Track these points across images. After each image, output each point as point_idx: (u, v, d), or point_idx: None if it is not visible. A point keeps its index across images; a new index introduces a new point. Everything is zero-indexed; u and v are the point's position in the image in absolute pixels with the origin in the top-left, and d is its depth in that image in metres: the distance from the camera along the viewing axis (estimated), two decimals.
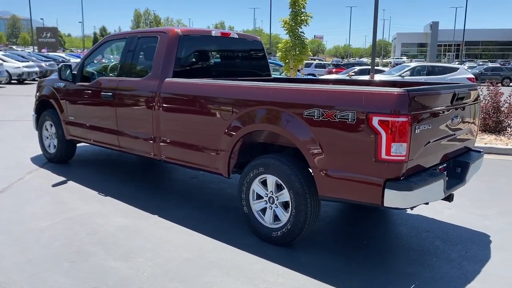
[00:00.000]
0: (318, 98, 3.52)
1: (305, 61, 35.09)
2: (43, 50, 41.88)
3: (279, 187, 3.83)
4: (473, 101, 4.18)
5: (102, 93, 5.38)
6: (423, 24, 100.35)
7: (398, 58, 65.84)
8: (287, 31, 11.29)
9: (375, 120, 3.16)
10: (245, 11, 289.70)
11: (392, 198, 3.19)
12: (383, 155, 3.16)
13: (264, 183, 3.95)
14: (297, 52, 10.82)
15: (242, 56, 5.80)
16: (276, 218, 3.90)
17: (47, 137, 6.63)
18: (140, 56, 5.29)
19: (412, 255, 3.85)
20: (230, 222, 4.40)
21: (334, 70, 28.74)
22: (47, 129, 6.60)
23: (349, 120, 3.29)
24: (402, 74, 17.02)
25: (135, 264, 3.48)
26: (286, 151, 4.04)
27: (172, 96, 4.63)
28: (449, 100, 3.60)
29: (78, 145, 6.56)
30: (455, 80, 15.40)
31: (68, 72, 5.72)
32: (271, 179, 3.86)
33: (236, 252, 3.76)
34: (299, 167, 3.71)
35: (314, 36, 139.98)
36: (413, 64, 18.57)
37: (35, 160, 6.72)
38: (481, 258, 3.79)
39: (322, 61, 45.28)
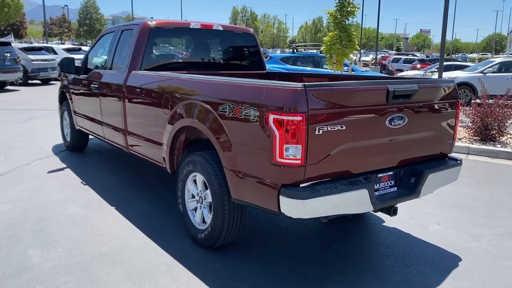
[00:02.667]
0: (228, 93, 3.26)
1: (393, 56, 33.01)
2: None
3: (206, 187, 3.62)
4: (438, 100, 3.55)
5: (91, 85, 5.56)
6: None
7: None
8: (332, 23, 10.73)
9: (271, 119, 2.82)
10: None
11: (289, 206, 2.82)
12: (277, 158, 2.81)
13: (196, 181, 3.76)
14: (342, 46, 10.21)
15: (228, 50, 5.59)
16: (204, 219, 3.70)
17: (66, 126, 7.04)
18: (121, 49, 5.35)
19: (351, 272, 3.39)
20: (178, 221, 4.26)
21: (419, 65, 26.82)
22: (65, 119, 7.02)
23: (251, 118, 2.97)
24: (485, 71, 15.27)
25: (50, 253, 3.52)
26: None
27: (133, 88, 4.61)
28: (383, 98, 3.08)
29: None
30: None
31: (70, 65, 5.99)
32: (200, 178, 3.66)
33: (156, 251, 3.62)
34: (221, 167, 3.46)
35: (420, 30, 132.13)
36: (499, 59, 16.50)
37: (56, 147, 7.18)
38: (425, 286, 3.22)
39: (417, 56, 42.55)
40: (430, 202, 4.98)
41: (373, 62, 36.99)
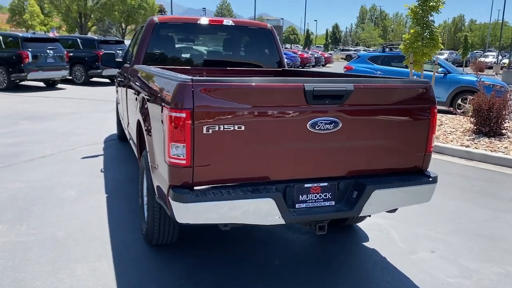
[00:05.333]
0: (149, 86, 3.17)
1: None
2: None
3: None
4: (399, 105, 2.98)
5: (119, 78, 5.88)
6: None
7: None
8: (413, 19, 9.70)
9: (164, 114, 2.67)
10: None
11: (175, 210, 2.63)
12: (166, 157, 2.65)
13: None
14: (422, 44, 9.17)
15: (239, 46, 5.42)
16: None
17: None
18: (137, 44, 5.54)
19: None
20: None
21: None
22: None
23: (157, 111, 2.86)
24: None
25: (10, 230, 3.79)
26: None
27: (131, 81, 4.75)
28: (301, 99, 2.68)
29: None
30: None
31: (111, 60, 6.41)
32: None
33: (103, 242, 3.68)
34: None
35: None
36: None
37: (111, 136, 7.77)
38: None
39: None
40: (436, 223, 4.28)
41: (506, 65, 32.77)
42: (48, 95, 13.50)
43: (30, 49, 14.10)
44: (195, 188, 2.64)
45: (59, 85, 16.00)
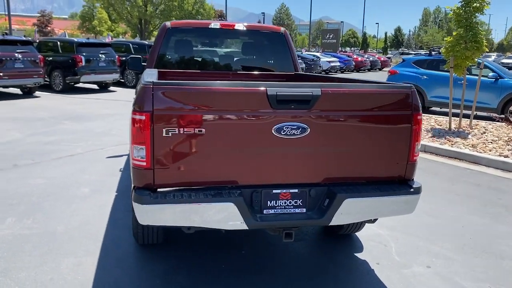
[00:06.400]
0: (136, 90, 3.24)
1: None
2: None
3: None
4: (375, 111, 2.83)
5: None
6: None
7: None
8: (455, 21, 9.16)
9: (135, 115, 2.72)
10: None
11: (137, 211, 2.68)
12: (131, 158, 2.71)
13: None
14: (465, 47, 8.63)
15: (251, 50, 5.41)
16: None
17: None
18: None
19: None
20: None
21: None
22: None
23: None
24: None
25: (17, 223, 4.04)
26: None
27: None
28: (265, 103, 2.63)
29: None
30: None
31: (136, 63, 6.64)
32: None
33: (96, 240, 3.82)
34: None
35: None
36: None
37: None
38: None
39: None
40: (444, 237, 4.03)
41: None
42: (98, 97, 14.23)
43: (84, 54, 14.94)
44: (158, 190, 2.68)
45: (111, 88, 16.80)
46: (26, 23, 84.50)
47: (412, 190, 2.93)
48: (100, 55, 15.48)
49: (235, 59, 5.41)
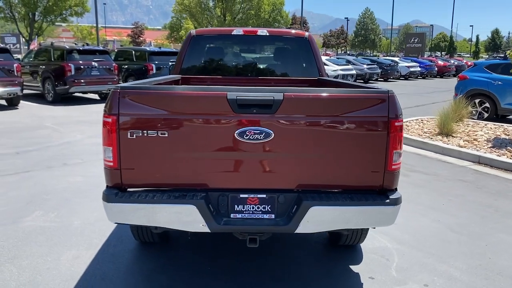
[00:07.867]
0: None
1: None
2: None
3: None
4: (347, 116, 2.70)
5: None
6: None
7: None
8: None
9: (104, 118, 2.88)
10: None
11: (105, 209, 2.82)
12: (103, 158, 2.86)
13: None
14: None
15: (275, 56, 5.38)
16: None
17: None
18: None
19: None
20: None
21: None
22: None
23: None
24: None
25: (42, 216, 4.42)
26: None
27: None
28: (226, 107, 2.64)
29: None
30: None
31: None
32: None
33: (91, 235, 4.08)
34: None
35: None
36: None
37: None
38: None
39: None
40: (459, 255, 3.73)
41: None
42: None
43: (155, 62, 15.85)
44: (128, 190, 2.81)
45: None
46: (122, 34, 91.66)
47: (387, 201, 2.76)
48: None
49: (258, 65, 5.44)
